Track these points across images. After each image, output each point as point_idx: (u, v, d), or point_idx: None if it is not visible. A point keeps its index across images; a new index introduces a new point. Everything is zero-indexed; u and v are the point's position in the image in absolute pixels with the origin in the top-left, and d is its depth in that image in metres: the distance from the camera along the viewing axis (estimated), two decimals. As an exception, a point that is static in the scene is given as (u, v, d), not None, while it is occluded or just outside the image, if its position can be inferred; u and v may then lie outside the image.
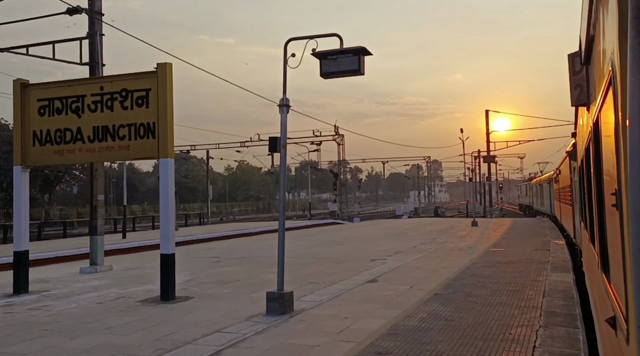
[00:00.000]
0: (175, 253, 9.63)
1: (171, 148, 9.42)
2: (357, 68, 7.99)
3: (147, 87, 9.44)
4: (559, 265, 13.36)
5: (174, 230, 9.64)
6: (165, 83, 9.35)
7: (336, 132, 56.94)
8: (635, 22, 1.73)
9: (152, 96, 9.41)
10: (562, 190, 22.08)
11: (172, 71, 9.49)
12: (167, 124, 9.34)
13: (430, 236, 22.91)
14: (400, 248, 17.71)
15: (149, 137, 9.40)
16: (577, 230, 14.14)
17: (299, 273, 12.50)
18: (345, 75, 8.27)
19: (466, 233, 24.26)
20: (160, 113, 9.35)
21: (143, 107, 9.43)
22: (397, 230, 27.80)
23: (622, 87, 1.91)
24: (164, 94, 9.36)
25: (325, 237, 23.93)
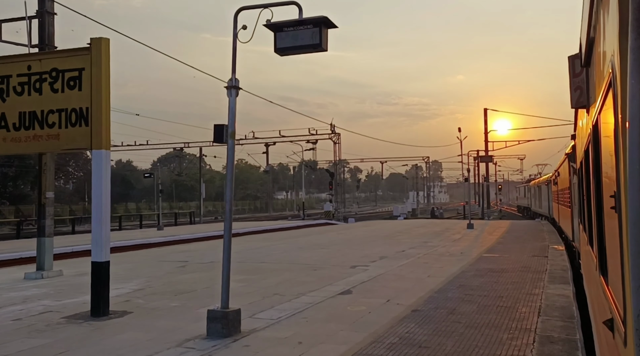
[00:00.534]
0: (109, 261, 8.27)
1: (106, 138, 8.05)
2: (318, 42, 6.60)
3: (80, 66, 8.07)
4: (557, 274, 11.97)
5: (108, 234, 8.27)
6: (101, 61, 7.97)
7: (332, 130, 55.61)
8: (636, 24, 1.71)
9: (86, 77, 8.04)
10: (561, 192, 21.77)
11: (109, 47, 8.11)
12: (102, 110, 7.97)
13: (421, 239, 21.52)
14: (387, 253, 16.32)
15: (81, 124, 8.03)
16: (576, 232, 13.94)
17: (266, 282, 11.12)
18: (305, 51, 6.89)
19: (460, 237, 22.87)
20: (94, 97, 7.97)
21: (75, 90, 8.06)
22: (389, 232, 26.40)
23: (622, 89, 1.89)
24: (98, 75, 7.98)
25: (311, 238, 22.55)
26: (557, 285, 10.66)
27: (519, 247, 18.29)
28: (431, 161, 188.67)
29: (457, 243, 19.87)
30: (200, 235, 26.99)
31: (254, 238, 24.46)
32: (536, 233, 24.78)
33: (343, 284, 10.73)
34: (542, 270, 12.57)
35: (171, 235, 27.37)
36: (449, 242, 20.43)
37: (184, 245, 21.58)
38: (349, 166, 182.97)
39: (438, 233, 24.86)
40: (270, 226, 34.75)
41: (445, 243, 19.87)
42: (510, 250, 17.22)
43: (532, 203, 46.85)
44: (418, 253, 16.23)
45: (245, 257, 15.67)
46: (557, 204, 24.97)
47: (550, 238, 22.19)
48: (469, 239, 21.56)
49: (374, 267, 13.29)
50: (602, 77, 2.71)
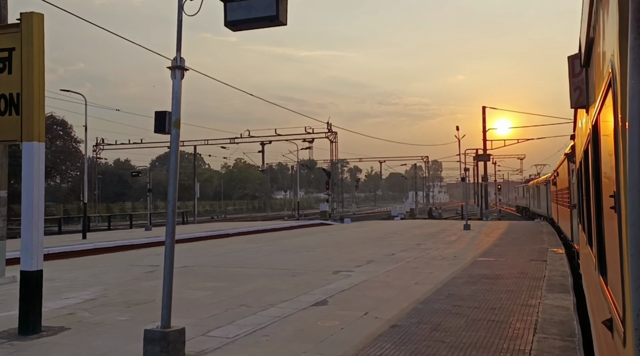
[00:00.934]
0: (42, 270, 7.21)
1: (39, 129, 7.01)
2: (275, 14, 5.56)
3: (10, 46, 7.03)
4: (556, 282, 10.92)
5: (41, 239, 7.21)
6: (32, 40, 6.93)
7: (329, 129, 54.54)
8: (635, 24, 1.72)
9: (16, 58, 7.00)
10: (560, 192, 21.48)
11: (44, 24, 7.06)
12: (35, 96, 6.93)
13: (415, 241, 20.46)
14: (376, 256, 15.28)
15: (10, 112, 6.99)
16: (575, 232, 13.74)
17: (236, 290, 10.07)
18: (259, 25, 5.84)
19: (456, 238, 21.81)
20: (25, 81, 6.93)
21: (5, 73, 7.02)
22: (383, 233, 25.36)
23: (622, 89, 1.89)
24: (30, 55, 6.94)
25: (300, 240, 21.51)
26: (556, 294, 9.62)
27: (516, 249, 17.23)
28: (431, 161, 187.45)
29: (451, 245, 18.82)
30: (186, 236, 25.95)
31: (241, 239, 23.42)
32: (535, 235, 23.73)
33: (320, 293, 9.68)
34: (540, 277, 11.52)
35: (157, 236, 26.30)
36: (443, 244, 19.37)
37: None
38: (348, 166, 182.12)
39: (433, 235, 23.80)
40: (261, 226, 33.72)
41: (439, 245, 18.82)
42: (507, 253, 16.17)
43: (530, 204, 46.74)
44: (409, 257, 15.18)
45: (223, 261, 14.63)
46: (556, 204, 24.55)
47: (550, 240, 21.14)
48: (465, 241, 20.50)
49: (358, 272, 12.24)
50: (602, 77, 2.69)
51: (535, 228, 28.45)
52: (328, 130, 54.56)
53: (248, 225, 37.30)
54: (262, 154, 56.53)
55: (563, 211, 20.45)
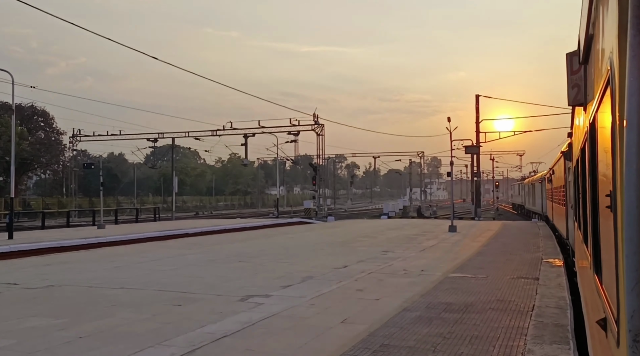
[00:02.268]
0: None
1: None
2: None
3: None
4: (549, 319, 7.47)
5: None
6: None
7: (315, 121, 51.15)
8: (635, 21, 1.70)
9: None
10: (556, 190, 20.84)
11: None
12: None
13: (384, 247, 17.02)
14: (320, 270, 11.84)
15: None
16: (570, 230, 13.59)
17: (57, 336, 6.63)
18: None
19: (435, 243, 18.36)
20: None
21: None
22: (354, 235, 21.94)
23: (621, 86, 1.87)
24: None
25: (248, 244, 18.10)
26: (547, 346, 6.18)
27: (503, 260, 13.78)
28: (430, 157, 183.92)
29: (425, 253, 15.36)
30: (134, 236, 22.56)
31: (186, 242, 20.00)
32: (529, 239, 20.27)
33: (184, 343, 6.25)
34: (526, 309, 8.07)
35: (103, 235, 22.93)
36: (416, 251, 15.91)
37: (90, 250, 17.13)
38: (345, 162, 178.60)
39: (410, 238, 20.34)
40: (232, 225, 30.33)
41: (410, 253, 15.36)
42: (491, 266, 12.72)
43: (526, 201, 46.04)
44: (362, 271, 11.73)
45: (108, 277, 11.16)
46: (552, 202, 23.71)
47: (546, 246, 17.68)
48: (444, 247, 17.04)
49: (276, 298, 8.79)
50: (600, 75, 2.67)
51: (530, 230, 24.97)
52: (314, 122, 51.21)
53: (221, 223, 33.93)
54: (245, 147, 53.15)
55: (558, 209, 19.63)
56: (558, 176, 19.66)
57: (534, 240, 19.86)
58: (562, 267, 12.68)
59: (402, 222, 34.03)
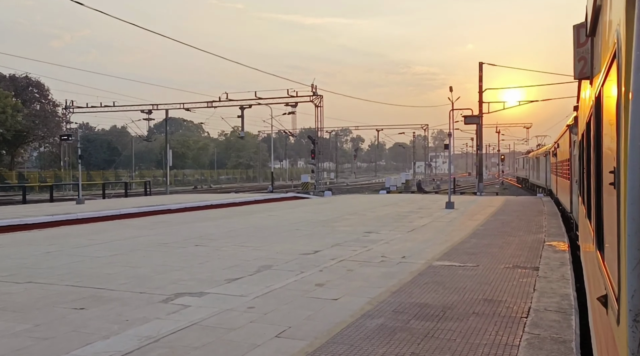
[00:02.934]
0: None
1: None
2: None
3: None
4: (548, 331, 5.72)
5: None
6: None
7: (314, 92, 49.02)
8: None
9: None
10: (560, 164, 20.50)
11: None
12: None
13: (370, 226, 15.31)
14: (283, 257, 10.15)
15: None
16: (575, 204, 13.39)
17: None
18: None
19: (427, 222, 16.62)
20: None
21: None
22: (341, 212, 20.23)
23: (627, 59, 1.80)
24: None
25: (220, 223, 16.44)
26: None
27: (499, 244, 12.03)
28: (436, 131, 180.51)
29: (413, 235, 13.63)
30: (103, 213, 20.97)
31: (157, 219, 18.37)
32: (532, 217, 18.47)
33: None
34: (520, 313, 6.34)
35: (73, 212, 21.36)
36: (404, 231, 14.19)
37: (44, 230, 15.52)
38: (350, 135, 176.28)
39: (402, 216, 18.60)
40: (218, 200, 28.69)
41: (396, 234, 13.64)
42: (484, 251, 10.98)
43: (530, 175, 45.21)
44: (333, 258, 10.03)
45: (20, 268, 9.50)
46: (556, 176, 23.19)
47: (550, 225, 15.90)
48: (436, 227, 15.29)
49: (207, 298, 7.10)
50: (607, 47, 2.61)
51: (534, 207, 23.15)
52: (313, 93, 49.06)
53: (211, 198, 32.34)
54: (241, 119, 51.21)
55: (562, 183, 19.34)
56: (563, 150, 19.10)
57: (537, 219, 18.07)
58: (566, 252, 10.92)
59: (400, 197, 32.27)
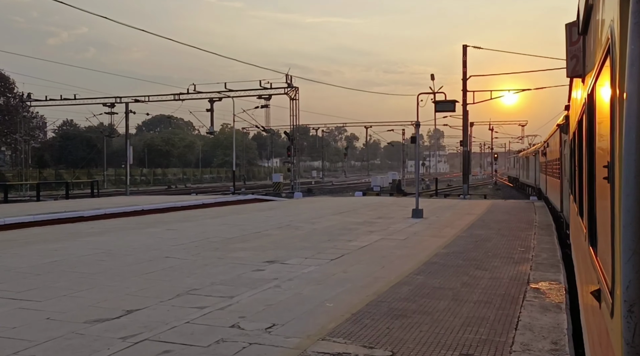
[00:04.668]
0: None
1: None
2: None
3: None
4: None
5: None
6: None
7: (288, 84, 44.38)
8: None
9: None
10: (550, 163, 20.46)
11: None
12: None
13: (285, 249, 10.70)
14: (75, 320, 5.55)
15: None
16: (565, 203, 13.31)
17: None
18: None
19: (374, 240, 12.01)
20: None
21: None
22: (277, 222, 15.63)
23: (622, 55, 1.81)
24: None
25: (66, 245, 11.81)
26: None
27: (456, 287, 7.44)
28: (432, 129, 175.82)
29: (332, 267, 8.98)
30: None
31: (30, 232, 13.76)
32: (519, 232, 13.89)
33: None
34: None
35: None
36: (325, 259, 9.56)
37: None
38: (345, 133, 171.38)
39: (347, 230, 13.98)
40: (162, 204, 24.12)
41: (310, 265, 9.02)
42: (425, 306, 6.41)
43: (520, 174, 44.63)
44: (123, 337, 5.43)
45: None
46: (545, 175, 23.12)
47: (541, 245, 11.36)
48: (378, 251, 10.66)
49: None
50: (600, 44, 2.62)
51: (523, 215, 18.54)
52: (287, 84, 44.42)
53: (160, 200, 27.81)
54: (210, 113, 46.58)
55: (552, 182, 19.21)
56: (553, 149, 18.82)
57: (525, 234, 13.48)
58: (563, 308, 6.35)
59: (372, 200, 27.58)
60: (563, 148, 14.41)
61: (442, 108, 17.48)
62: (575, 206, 6.25)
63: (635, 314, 1.63)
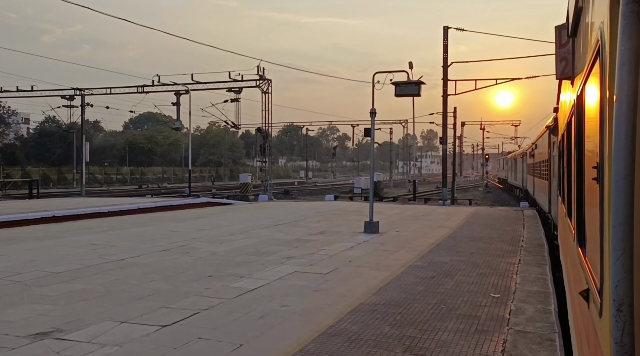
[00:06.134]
0: None
1: None
2: None
3: None
4: None
5: None
6: None
7: (260, 75, 40.27)
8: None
9: None
10: (538, 165, 19.94)
11: None
12: None
13: (102, 302, 6.62)
14: None
15: None
16: (553, 204, 13.41)
17: None
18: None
19: (278, 277, 7.92)
20: None
21: None
22: (180, 241, 11.50)
23: (611, 56, 1.82)
24: None
25: None
26: None
27: None
28: (426, 130, 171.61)
29: (141, 350, 4.89)
30: None
31: None
32: (499, 258, 9.82)
33: None
34: None
35: None
36: (133, 337, 5.48)
37: None
38: (337, 133, 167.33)
39: (258, 255, 9.88)
40: (93, 208, 20.07)
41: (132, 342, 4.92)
42: None
43: (509, 176, 44.87)
44: None
45: None
46: (532, 176, 23.13)
47: (527, 286, 7.32)
48: (262, 306, 6.56)
49: None
50: (590, 46, 2.61)
51: (509, 230, 14.46)
52: (259, 76, 40.32)
53: (98, 203, 23.74)
54: (177, 107, 42.45)
55: (540, 183, 18.73)
56: (541, 151, 18.79)
57: (507, 263, 9.42)
58: None
59: (337, 205, 23.39)
60: (552, 150, 14.19)
61: (403, 92, 13.39)
62: (563, 207, 6.28)
63: (623, 313, 1.63)
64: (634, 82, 1.60)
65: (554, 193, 13.13)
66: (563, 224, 6.64)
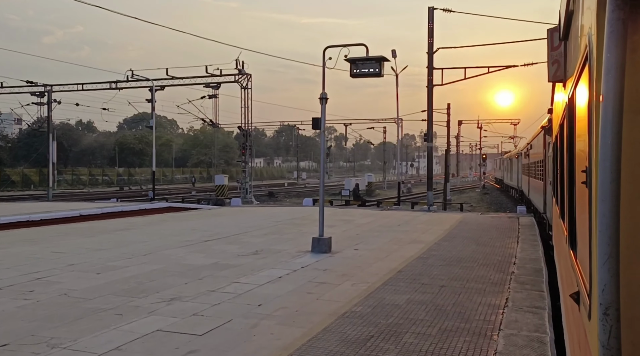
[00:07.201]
0: None
1: None
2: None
3: None
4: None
5: None
6: None
7: (240, 70, 37.23)
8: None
9: None
10: (533, 165, 19.52)
11: None
12: None
13: None
14: None
15: None
16: (548, 204, 13.34)
17: None
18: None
19: (115, 346, 4.88)
20: None
21: None
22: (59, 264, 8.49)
23: (598, 62, 1.82)
24: None
25: None
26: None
27: None
28: (424, 130, 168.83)
29: None
30: None
31: None
32: (477, 296, 6.79)
33: None
34: None
35: None
36: None
37: None
38: (335, 133, 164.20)
39: (132, 294, 6.87)
40: (42, 215, 17.10)
41: None
42: None
43: (505, 176, 44.48)
44: None
45: None
46: (527, 177, 22.33)
47: (514, 346, 4.26)
48: None
49: None
50: (579, 51, 2.59)
51: (499, 245, 11.40)
52: (238, 70, 37.26)
53: (54, 208, 20.79)
54: (151, 104, 39.39)
55: (535, 183, 18.40)
56: (537, 151, 18.15)
57: (490, 303, 6.38)
58: None
59: (307, 212, 20.31)
60: (547, 151, 14.10)
61: (360, 71, 10.35)
62: (557, 208, 6.26)
63: (610, 317, 1.63)
64: (620, 89, 1.58)
65: (549, 194, 12.91)
66: (557, 225, 6.53)
